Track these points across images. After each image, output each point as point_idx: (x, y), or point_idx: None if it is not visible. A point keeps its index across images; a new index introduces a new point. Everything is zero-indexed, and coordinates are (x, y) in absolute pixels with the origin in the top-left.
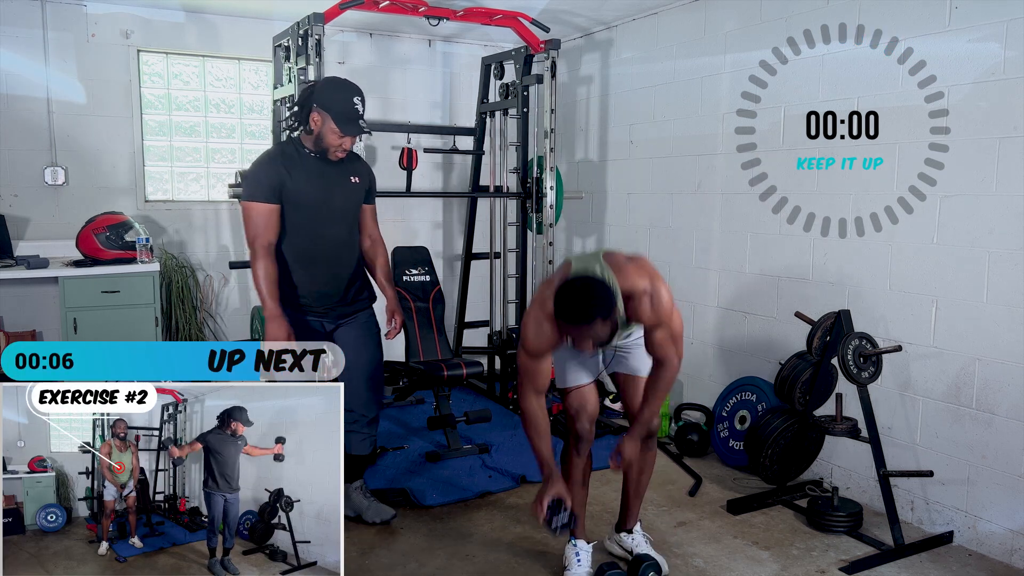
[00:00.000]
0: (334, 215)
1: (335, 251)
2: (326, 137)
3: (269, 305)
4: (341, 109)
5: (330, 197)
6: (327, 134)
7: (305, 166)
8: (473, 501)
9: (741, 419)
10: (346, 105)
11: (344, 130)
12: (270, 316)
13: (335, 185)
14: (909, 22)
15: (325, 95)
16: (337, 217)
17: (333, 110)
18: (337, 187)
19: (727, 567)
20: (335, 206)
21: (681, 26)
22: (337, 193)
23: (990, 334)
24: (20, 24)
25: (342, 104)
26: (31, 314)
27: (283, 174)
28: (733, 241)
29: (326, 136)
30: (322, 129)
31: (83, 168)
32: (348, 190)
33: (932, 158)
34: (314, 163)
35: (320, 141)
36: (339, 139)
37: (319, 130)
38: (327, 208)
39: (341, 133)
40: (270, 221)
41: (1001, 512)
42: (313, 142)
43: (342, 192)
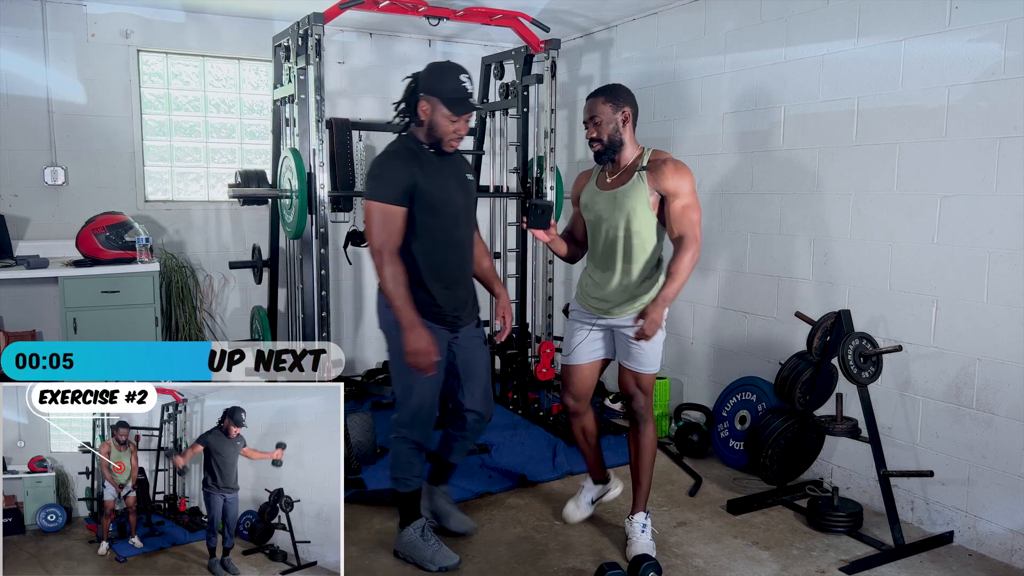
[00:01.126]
0: (461, 217)
1: (465, 255)
2: (439, 125)
3: (408, 314)
4: (450, 90)
5: (457, 197)
6: (439, 121)
7: (431, 165)
8: (473, 501)
9: (741, 419)
10: (454, 84)
11: (456, 110)
12: (409, 325)
13: (458, 184)
14: (909, 22)
15: (431, 80)
16: (463, 219)
17: (442, 93)
18: (459, 186)
19: (727, 567)
20: (460, 206)
21: (681, 26)
22: (460, 192)
23: (990, 334)
24: (20, 24)
25: (450, 85)
26: (31, 314)
27: (416, 173)
28: (733, 241)
29: (439, 124)
30: (433, 116)
31: (83, 168)
32: (468, 189)
33: (932, 158)
34: (436, 160)
35: (433, 131)
36: (452, 124)
37: (430, 119)
38: (455, 209)
39: (454, 116)
40: (400, 225)
41: (1001, 512)
42: (426, 134)
43: (464, 191)
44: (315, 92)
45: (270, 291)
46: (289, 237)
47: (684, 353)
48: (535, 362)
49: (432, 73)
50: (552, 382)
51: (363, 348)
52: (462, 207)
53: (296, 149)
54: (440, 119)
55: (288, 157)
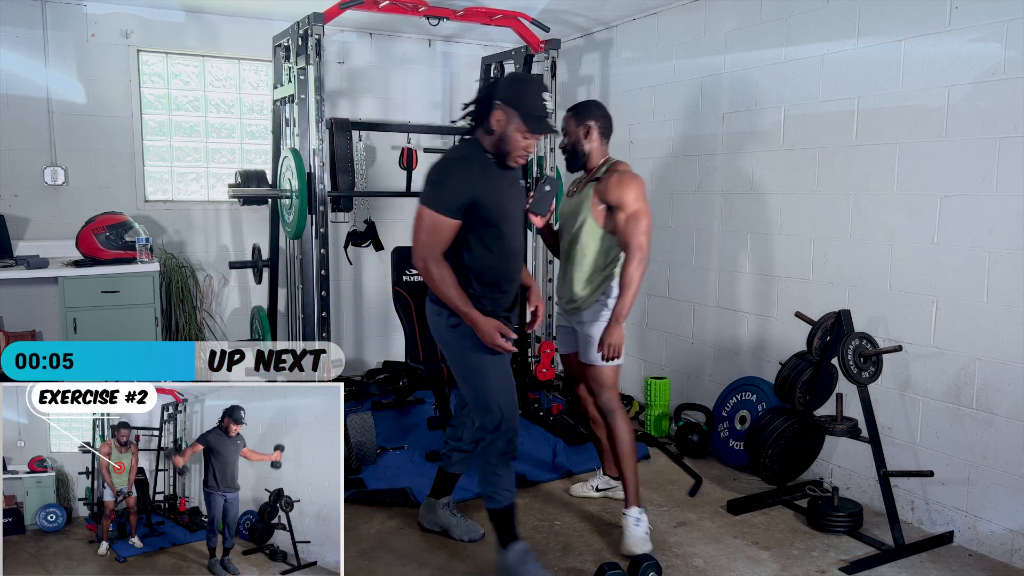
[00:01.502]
0: (516, 228)
1: (518, 264)
2: (510, 138)
3: (470, 309)
4: (530, 106)
5: (514, 208)
6: (512, 135)
7: (493, 175)
8: (473, 501)
9: (741, 419)
10: (535, 101)
11: (533, 128)
12: (477, 317)
13: (514, 194)
14: (909, 22)
15: (511, 90)
16: (517, 230)
17: (521, 108)
18: (515, 196)
19: (727, 567)
20: (515, 217)
21: (681, 26)
22: (516, 203)
23: (990, 334)
24: (20, 24)
25: (531, 100)
26: (31, 314)
27: (477, 186)
28: (733, 241)
29: (510, 137)
30: (506, 129)
31: (83, 168)
32: (521, 198)
33: (932, 158)
34: (496, 170)
35: (502, 143)
36: (525, 140)
37: (502, 131)
38: (513, 220)
39: (528, 133)
40: (448, 236)
41: (1001, 512)
42: (493, 144)
43: (518, 202)
44: (315, 92)
45: (270, 291)
46: (289, 237)
47: (684, 353)
48: (535, 362)
49: (514, 84)
50: (552, 382)
51: (363, 348)
52: (516, 217)
53: (296, 149)
54: (513, 133)
55: (288, 157)
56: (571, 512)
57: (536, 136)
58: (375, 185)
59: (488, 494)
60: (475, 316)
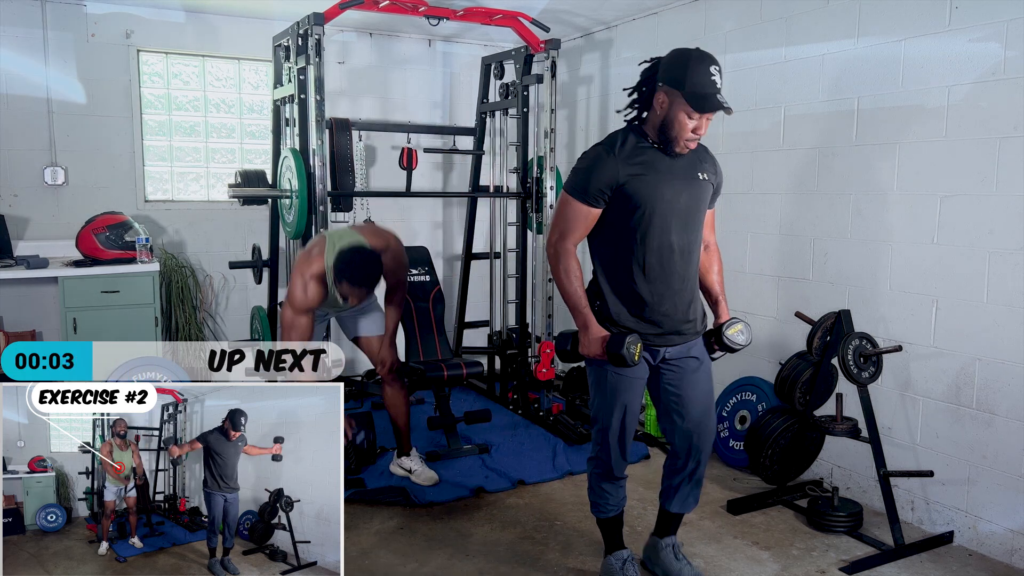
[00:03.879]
0: (679, 220)
1: (676, 264)
2: (675, 122)
3: (581, 313)
4: (696, 83)
5: (675, 198)
6: (676, 117)
7: (648, 160)
8: (472, 501)
9: (741, 419)
10: (701, 77)
11: (698, 106)
12: (586, 323)
13: (682, 183)
14: (909, 22)
15: (673, 68)
16: (682, 222)
17: (685, 85)
18: (684, 185)
19: (727, 567)
20: (680, 208)
21: (681, 26)
22: (684, 193)
23: (990, 334)
24: (20, 24)
25: (697, 77)
26: (31, 314)
27: (619, 172)
28: (733, 241)
29: (675, 121)
30: (670, 112)
31: (83, 168)
32: (697, 189)
33: (932, 158)
34: (658, 156)
35: (666, 129)
36: (691, 122)
37: (665, 114)
38: (672, 211)
39: (693, 112)
40: (584, 224)
41: (1001, 512)
42: (656, 129)
43: (689, 192)
44: (315, 92)
45: (270, 291)
46: (289, 237)
47: None
48: (535, 362)
49: (675, 61)
50: (552, 382)
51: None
52: (683, 208)
53: (296, 149)
54: (678, 115)
55: (288, 157)
56: (571, 512)
57: (704, 116)
58: (375, 185)
59: (595, 502)
60: (582, 324)
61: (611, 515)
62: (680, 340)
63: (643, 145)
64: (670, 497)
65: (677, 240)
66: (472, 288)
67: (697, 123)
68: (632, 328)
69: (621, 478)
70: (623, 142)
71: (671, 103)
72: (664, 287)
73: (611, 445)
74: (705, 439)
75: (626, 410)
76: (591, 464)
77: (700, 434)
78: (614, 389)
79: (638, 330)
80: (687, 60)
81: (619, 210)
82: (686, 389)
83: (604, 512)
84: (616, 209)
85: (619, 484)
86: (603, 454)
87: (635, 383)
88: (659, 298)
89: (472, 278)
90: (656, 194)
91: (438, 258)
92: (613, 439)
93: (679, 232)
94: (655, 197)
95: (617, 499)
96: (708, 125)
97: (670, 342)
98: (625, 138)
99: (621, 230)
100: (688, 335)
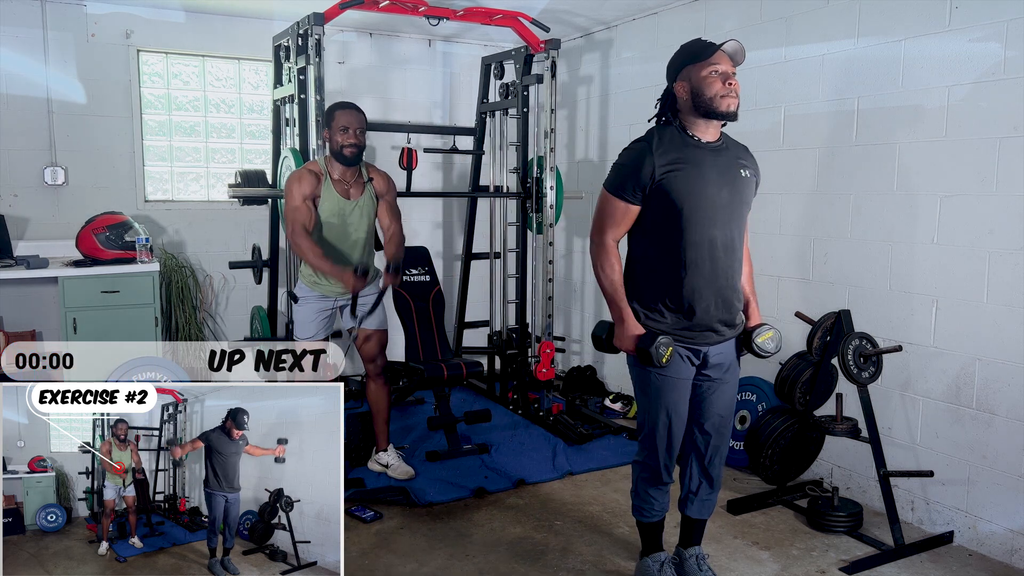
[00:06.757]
0: (720, 215)
1: (717, 260)
2: (701, 85)
3: (617, 306)
4: (693, 47)
5: (717, 193)
6: (700, 82)
7: (688, 155)
8: (472, 501)
9: (741, 419)
10: (696, 44)
11: (705, 54)
12: (622, 316)
13: (723, 178)
14: (909, 22)
15: (675, 60)
16: (723, 218)
17: (687, 58)
18: (725, 180)
19: (727, 567)
20: (721, 204)
21: (681, 26)
22: (725, 188)
23: (990, 334)
24: (20, 24)
25: (693, 44)
26: (31, 314)
27: (655, 168)
28: None
29: (700, 85)
30: (692, 85)
31: (83, 168)
32: (739, 184)
33: (932, 158)
34: (698, 152)
35: (699, 98)
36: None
37: (689, 90)
38: (713, 206)
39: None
40: (620, 219)
41: (1001, 512)
42: (693, 108)
43: (731, 187)
44: (315, 92)
45: (270, 291)
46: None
47: None
48: (535, 362)
49: (673, 57)
50: (552, 382)
51: None
52: (724, 204)
53: (296, 149)
54: (699, 80)
55: (288, 157)
56: (571, 512)
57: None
58: None
59: (639, 506)
60: (624, 313)
61: (655, 520)
62: (717, 339)
63: (685, 140)
64: (689, 503)
65: (720, 235)
66: (472, 288)
67: (723, 71)
68: (669, 324)
69: (668, 483)
70: (662, 137)
71: (688, 79)
72: (704, 282)
73: (659, 449)
74: (722, 444)
75: (671, 412)
76: (636, 468)
77: (718, 438)
78: (658, 390)
79: (675, 326)
80: (681, 48)
81: (659, 204)
82: (712, 394)
83: (647, 517)
84: (656, 203)
85: (665, 489)
86: (650, 459)
87: (678, 384)
88: (699, 294)
89: (472, 278)
90: (696, 188)
91: (438, 258)
92: (661, 443)
93: (722, 227)
94: (695, 192)
95: (662, 504)
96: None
97: (708, 340)
98: (664, 134)
99: (662, 224)
100: (726, 335)
